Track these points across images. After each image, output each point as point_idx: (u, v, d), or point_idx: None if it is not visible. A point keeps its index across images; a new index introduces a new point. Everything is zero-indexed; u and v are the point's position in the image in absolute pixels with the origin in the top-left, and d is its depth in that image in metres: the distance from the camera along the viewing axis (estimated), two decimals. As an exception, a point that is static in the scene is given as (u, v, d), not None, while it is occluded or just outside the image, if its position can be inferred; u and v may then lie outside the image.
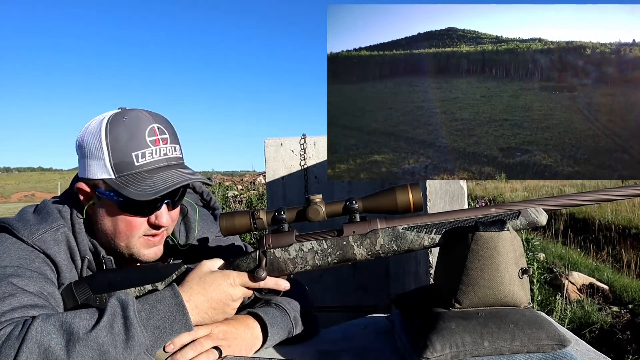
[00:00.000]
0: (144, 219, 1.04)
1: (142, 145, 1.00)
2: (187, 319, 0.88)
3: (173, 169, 1.03)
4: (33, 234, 0.99)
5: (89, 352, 0.78)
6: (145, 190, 0.97)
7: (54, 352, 0.77)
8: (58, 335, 0.79)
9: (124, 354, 0.80)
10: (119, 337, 0.80)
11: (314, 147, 3.61)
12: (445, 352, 0.85)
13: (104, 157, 0.99)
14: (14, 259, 0.95)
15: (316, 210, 0.94)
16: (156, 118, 1.05)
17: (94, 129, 1.02)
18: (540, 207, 0.95)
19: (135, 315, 0.83)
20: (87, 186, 1.04)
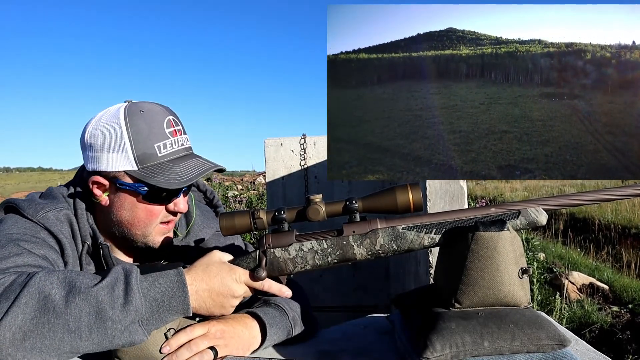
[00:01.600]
0: (162, 207, 1.09)
1: (162, 136, 1.05)
2: (185, 297, 0.86)
3: (191, 158, 1.09)
4: (37, 212, 1.03)
5: (86, 307, 0.78)
6: (176, 179, 1.03)
7: (53, 300, 0.78)
8: (60, 286, 0.80)
9: (119, 316, 0.79)
10: (118, 299, 0.80)
11: (314, 147, 3.61)
12: (445, 352, 0.85)
13: (127, 149, 1.02)
14: (20, 229, 0.99)
15: (316, 210, 0.94)
16: (168, 110, 1.10)
17: (111, 122, 1.04)
18: (540, 207, 0.95)
19: (136, 282, 0.83)
20: (104, 179, 1.06)
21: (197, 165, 1.07)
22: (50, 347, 0.77)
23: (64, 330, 0.77)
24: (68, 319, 0.78)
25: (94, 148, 1.05)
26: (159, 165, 1.04)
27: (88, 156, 1.07)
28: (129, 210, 1.07)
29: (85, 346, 0.79)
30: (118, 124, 1.03)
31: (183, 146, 1.09)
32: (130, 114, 1.04)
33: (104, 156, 1.04)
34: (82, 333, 0.78)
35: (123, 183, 1.04)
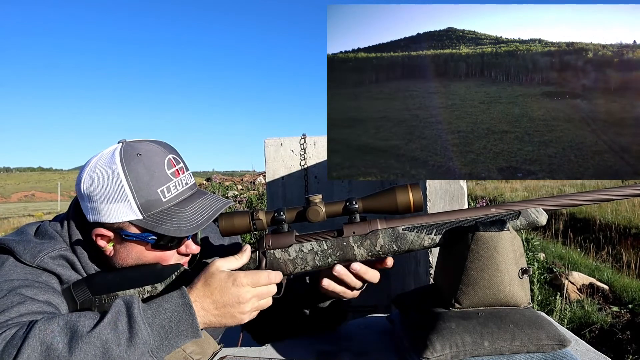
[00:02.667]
0: (174, 251, 1.03)
1: (164, 179, 0.98)
2: (193, 319, 0.84)
3: (198, 197, 1.03)
4: (35, 257, 0.97)
5: (92, 350, 0.76)
6: (185, 226, 0.96)
7: (56, 350, 0.75)
8: (61, 333, 0.77)
9: (127, 352, 0.77)
10: (123, 335, 0.78)
11: (314, 147, 3.61)
12: (445, 352, 0.85)
13: (129, 198, 0.95)
14: (20, 274, 0.94)
15: (316, 210, 0.94)
16: (167, 148, 1.03)
17: (107, 170, 0.97)
18: (540, 207, 0.95)
19: (139, 313, 0.81)
20: (108, 230, 0.99)
21: (205, 207, 1.00)
22: None
23: None
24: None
25: (93, 199, 0.98)
26: (165, 212, 0.97)
27: (87, 207, 1.00)
28: (136, 259, 1.01)
29: None
30: (115, 171, 0.96)
31: (187, 185, 1.03)
32: (127, 158, 0.96)
33: (105, 207, 0.97)
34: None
35: (129, 234, 0.98)
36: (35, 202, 70.97)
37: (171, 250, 1.02)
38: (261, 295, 0.91)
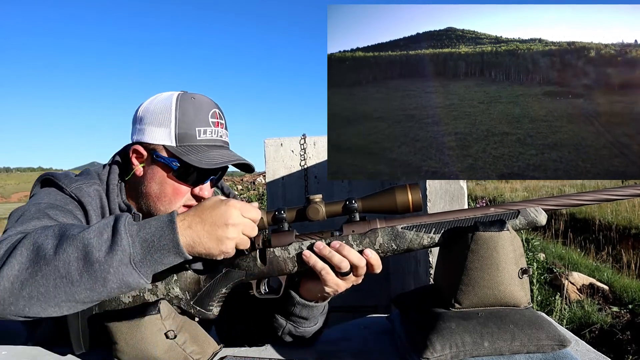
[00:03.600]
0: (189, 188, 1.15)
1: (204, 123, 1.13)
2: (174, 234, 0.83)
3: (225, 149, 1.17)
4: (71, 183, 1.12)
5: (74, 252, 0.80)
6: (205, 160, 1.09)
7: (44, 249, 0.81)
8: (53, 236, 0.83)
9: (105, 258, 0.80)
10: (105, 243, 0.81)
11: (314, 147, 3.61)
12: (445, 352, 0.85)
13: (171, 125, 1.11)
14: (51, 199, 1.08)
15: (316, 209, 0.94)
16: (216, 105, 1.18)
17: (163, 101, 1.14)
18: (540, 207, 0.95)
19: (124, 225, 0.83)
20: (144, 149, 1.14)
21: (228, 155, 1.14)
22: (46, 294, 0.80)
23: (56, 276, 0.80)
24: (57, 264, 0.80)
25: (143, 121, 1.14)
26: (195, 147, 1.12)
27: (136, 129, 1.16)
28: (158, 184, 1.14)
29: (80, 292, 0.80)
30: (169, 103, 1.13)
31: (221, 138, 1.17)
32: (182, 98, 1.14)
33: (150, 129, 1.13)
34: (73, 278, 0.80)
35: (159, 156, 1.12)
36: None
37: (187, 186, 1.14)
38: (246, 228, 0.89)
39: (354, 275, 0.93)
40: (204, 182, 1.16)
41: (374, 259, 0.92)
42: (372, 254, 0.92)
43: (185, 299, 0.97)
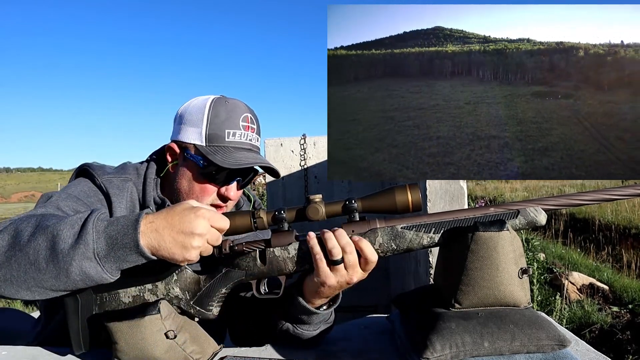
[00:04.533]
0: (216, 187, 1.19)
1: (235, 125, 1.17)
2: (136, 233, 0.84)
3: (253, 153, 1.20)
4: (103, 175, 1.17)
5: (44, 241, 0.85)
6: (230, 161, 1.13)
7: (21, 235, 0.86)
8: (32, 225, 0.88)
9: (69, 250, 0.83)
10: (72, 237, 0.85)
11: (314, 147, 3.61)
12: (445, 352, 0.85)
13: (202, 126, 1.16)
14: (75, 190, 1.12)
15: (316, 209, 0.94)
16: (250, 110, 1.22)
17: (199, 103, 1.19)
18: (540, 206, 0.95)
19: (93, 221, 0.86)
20: (178, 147, 1.20)
21: (254, 158, 1.17)
22: (18, 278, 0.85)
23: (26, 262, 0.84)
24: (28, 251, 0.84)
25: (180, 120, 1.21)
26: (223, 147, 1.16)
27: (175, 128, 1.22)
28: (187, 181, 1.18)
29: (46, 279, 0.85)
30: (204, 105, 1.18)
31: (250, 142, 1.20)
32: (217, 101, 1.19)
33: (185, 128, 1.19)
34: (40, 265, 0.84)
35: (189, 153, 1.18)
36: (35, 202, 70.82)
37: (214, 186, 1.18)
38: (212, 237, 0.90)
39: (345, 267, 0.92)
40: (230, 183, 1.19)
41: (366, 248, 0.91)
42: (363, 243, 0.91)
43: (185, 299, 0.97)
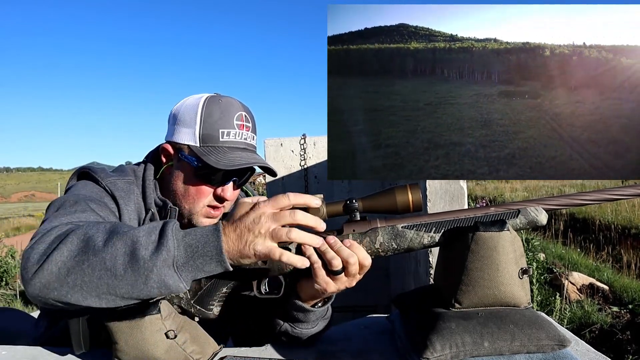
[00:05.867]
0: (212, 189, 1.17)
1: (229, 125, 1.15)
2: (219, 241, 0.83)
3: (249, 152, 1.18)
4: (107, 177, 1.16)
5: (122, 247, 0.82)
6: (224, 162, 1.11)
7: (94, 240, 0.84)
8: (104, 231, 0.86)
9: (151, 257, 0.82)
10: (153, 243, 0.83)
11: (314, 147, 3.61)
12: (445, 352, 0.85)
13: (195, 126, 1.14)
14: (88, 191, 1.12)
15: (317, 209, 0.94)
16: (245, 108, 1.20)
17: (193, 102, 1.17)
18: (540, 206, 0.95)
19: (172, 229, 0.85)
20: (172, 148, 1.19)
21: (249, 158, 1.15)
22: (90, 284, 0.82)
23: (101, 267, 0.82)
24: (105, 256, 0.82)
25: (174, 121, 1.19)
26: (217, 148, 1.14)
27: (169, 129, 1.20)
28: (183, 183, 1.17)
29: (121, 286, 0.82)
30: (197, 105, 1.16)
31: (246, 141, 1.18)
32: (210, 100, 1.16)
33: (178, 129, 1.17)
34: (117, 271, 0.81)
35: (183, 154, 1.16)
36: (35, 202, 71.05)
37: (209, 187, 1.17)
38: (278, 218, 0.87)
39: (345, 275, 0.91)
40: (226, 183, 1.18)
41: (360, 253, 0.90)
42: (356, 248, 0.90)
43: (186, 298, 0.97)
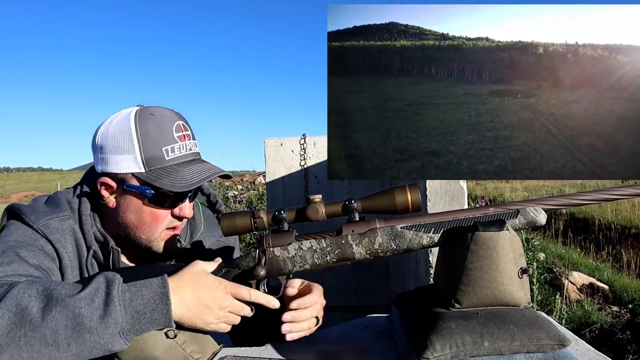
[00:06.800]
0: (168, 211, 1.09)
1: (170, 140, 1.05)
2: (167, 309, 0.84)
3: (198, 163, 1.10)
4: (39, 219, 1.03)
5: (63, 319, 0.77)
6: (180, 182, 1.03)
7: (29, 313, 0.77)
8: (38, 298, 0.79)
9: (97, 329, 0.78)
10: (97, 311, 0.79)
11: (314, 147, 3.61)
12: (445, 352, 0.85)
13: (134, 151, 1.03)
14: (19, 236, 0.99)
15: (316, 209, 0.95)
16: (179, 115, 1.10)
17: (121, 125, 1.04)
18: (540, 206, 0.95)
19: (117, 294, 0.82)
20: (112, 180, 1.06)
21: (203, 170, 1.07)
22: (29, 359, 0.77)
23: (41, 343, 0.76)
24: (45, 332, 0.76)
25: (104, 150, 1.05)
26: (166, 169, 1.04)
27: (98, 158, 1.07)
28: (134, 213, 1.07)
29: (64, 357, 0.79)
30: (128, 126, 1.04)
31: (191, 151, 1.09)
32: (140, 117, 1.05)
33: (113, 158, 1.04)
34: (60, 346, 0.77)
35: (130, 185, 1.05)
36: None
37: (165, 210, 1.08)
38: (235, 310, 0.94)
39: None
40: (183, 201, 1.10)
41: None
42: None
43: (185, 299, 0.97)
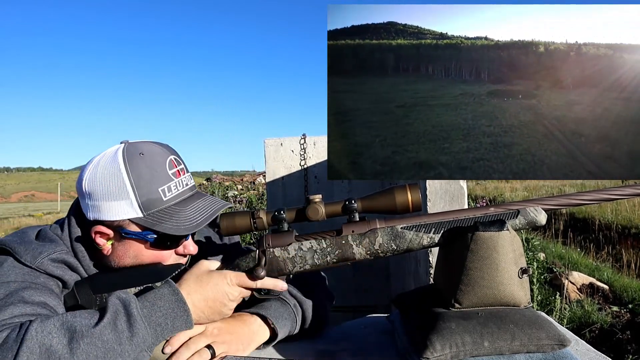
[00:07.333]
0: (171, 251, 1.04)
1: (165, 179, 0.99)
2: (188, 315, 0.88)
3: (197, 198, 1.04)
4: (35, 259, 0.95)
5: (93, 350, 0.77)
6: (185, 224, 0.97)
7: (56, 351, 0.75)
8: (59, 334, 0.77)
9: (128, 351, 0.80)
10: (123, 334, 0.80)
11: (314, 147, 3.61)
12: (445, 352, 0.85)
13: (129, 196, 0.96)
14: (18, 276, 0.93)
15: (315, 209, 0.95)
16: (168, 149, 1.04)
17: (110, 168, 0.97)
18: (540, 206, 0.95)
19: (138, 312, 0.83)
20: (107, 228, 0.99)
21: (205, 207, 1.02)
22: None
23: None
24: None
25: (94, 197, 0.98)
26: (166, 210, 0.98)
27: (88, 205, 0.99)
28: (133, 257, 1.01)
29: None
30: (118, 169, 0.96)
31: (188, 186, 1.04)
32: (129, 157, 0.97)
33: (106, 205, 0.97)
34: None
35: (128, 232, 0.98)
36: (35, 202, 70.96)
37: (169, 250, 1.03)
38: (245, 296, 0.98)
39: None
40: (185, 239, 1.05)
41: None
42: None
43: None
